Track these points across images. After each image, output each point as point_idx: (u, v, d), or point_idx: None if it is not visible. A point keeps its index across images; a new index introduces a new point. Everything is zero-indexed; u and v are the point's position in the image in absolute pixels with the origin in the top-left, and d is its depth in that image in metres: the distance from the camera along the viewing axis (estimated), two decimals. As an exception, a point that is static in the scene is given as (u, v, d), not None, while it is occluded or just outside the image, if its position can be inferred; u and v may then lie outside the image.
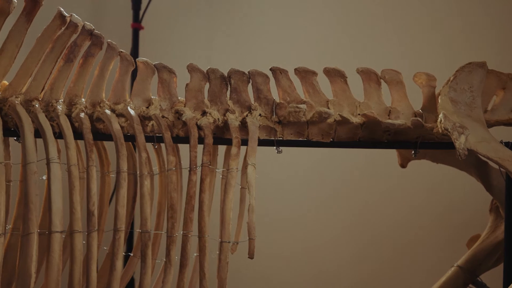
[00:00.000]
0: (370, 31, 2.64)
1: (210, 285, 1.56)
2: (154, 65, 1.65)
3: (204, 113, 1.64)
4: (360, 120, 1.65)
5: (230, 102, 1.65)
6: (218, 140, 1.64)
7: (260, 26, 2.71)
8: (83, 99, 1.62)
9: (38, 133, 1.56)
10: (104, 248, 1.65)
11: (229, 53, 2.70)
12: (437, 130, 1.63)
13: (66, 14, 1.59)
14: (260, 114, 1.65)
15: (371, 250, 2.62)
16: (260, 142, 1.63)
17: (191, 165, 1.57)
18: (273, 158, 1.92)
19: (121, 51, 1.64)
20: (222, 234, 1.55)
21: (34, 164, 1.52)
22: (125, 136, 1.60)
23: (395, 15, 2.64)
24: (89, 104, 1.62)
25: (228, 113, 1.64)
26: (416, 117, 1.66)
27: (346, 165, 2.64)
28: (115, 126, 1.57)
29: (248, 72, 1.66)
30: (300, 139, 1.67)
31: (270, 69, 1.67)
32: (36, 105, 1.57)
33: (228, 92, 1.66)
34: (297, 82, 1.68)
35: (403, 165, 1.92)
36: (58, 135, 1.58)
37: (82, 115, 1.58)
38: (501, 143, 1.60)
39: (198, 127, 1.62)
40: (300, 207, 2.67)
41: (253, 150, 1.59)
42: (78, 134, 1.58)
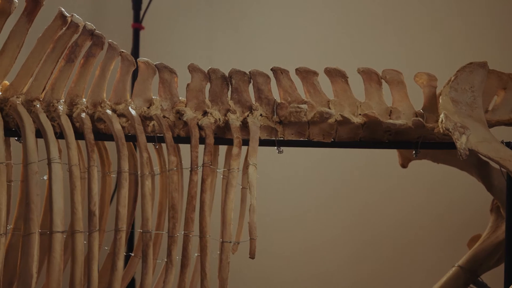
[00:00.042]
0: (371, 31, 2.64)
1: (211, 285, 1.56)
2: (155, 65, 1.65)
3: (205, 113, 1.64)
4: (361, 120, 1.65)
5: (231, 102, 1.65)
6: (219, 140, 1.64)
7: (261, 26, 2.70)
8: (84, 99, 1.62)
9: (39, 133, 1.56)
10: (105, 248, 1.65)
11: (230, 53, 2.70)
12: (438, 130, 1.63)
13: (67, 14, 1.59)
14: (261, 114, 1.65)
15: (372, 250, 2.62)
16: (261, 142, 1.63)
17: (192, 165, 1.57)
18: (274, 158, 1.92)
19: (122, 51, 1.64)
20: (223, 234, 1.55)
21: (35, 164, 1.52)
22: (126, 136, 1.60)
23: (396, 15, 2.64)
24: (90, 104, 1.61)
25: (229, 113, 1.64)
26: (417, 117, 1.66)
27: (347, 165, 2.64)
28: (116, 126, 1.57)
29: (249, 72, 1.66)
30: (301, 139, 1.67)
31: (271, 69, 1.67)
32: (37, 105, 1.57)
33: (229, 92, 1.66)
34: (298, 82, 1.68)
35: (404, 165, 1.92)
36: (59, 135, 1.58)
37: (83, 115, 1.58)
38: (502, 143, 1.60)
39: (199, 127, 1.61)
40: (301, 207, 2.67)
41: (254, 150, 1.59)
42: (79, 134, 1.58)
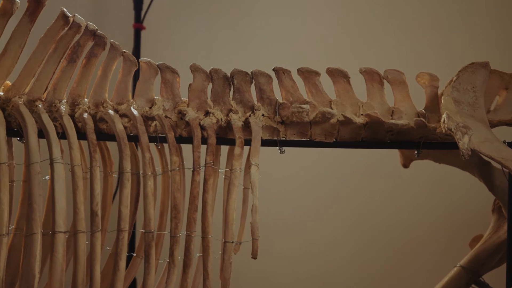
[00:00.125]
0: (373, 31, 2.64)
1: (213, 286, 1.56)
2: (157, 66, 1.65)
3: (207, 113, 1.63)
4: (363, 120, 1.65)
5: (233, 102, 1.65)
6: (221, 140, 1.64)
7: (262, 26, 2.70)
8: (86, 100, 1.62)
9: (42, 134, 1.56)
10: (107, 248, 1.65)
11: (231, 53, 2.70)
12: (440, 130, 1.63)
13: (69, 15, 1.59)
14: (263, 114, 1.65)
15: (373, 250, 2.62)
16: (263, 142, 1.63)
17: (195, 165, 1.57)
18: (274, 158, 1.92)
19: (124, 52, 1.64)
20: (226, 234, 1.55)
21: (38, 165, 1.52)
22: (128, 137, 1.59)
23: (398, 15, 2.64)
24: (92, 105, 1.61)
25: (231, 113, 1.64)
26: (419, 117, 1.66)
27: (348, 165, 2.64)
28: (118, 127, 1.57)
29: (251, 72, 1.66)
30: (303, 139, 1.67)
31: (273, 69, 1.67)
32: (39, 106, 1.57)
33: (231, 92, 1.66)
34: (300, 82, 1.68)
35: (406, 165, 1.92)
36: (61, 135, 1.58)
37: (85, 116, 1.58)
38: (504, 143, 1.60)
39: (201, 127, 1.61)
40: (302, 207, 2.67)
41: (256, 150, 1.59)
42: (81, 134, 1.58)
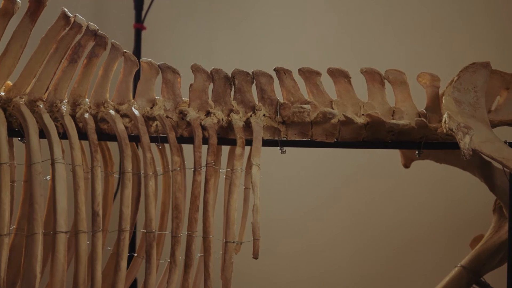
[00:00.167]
0: (374, 32, 2.64)
1: (214, 286, 1.56)
2: (158, 66, 1.64)
3: (208, 114, 1.64)
4: (364, 121, 1.65)
5: (234, 103, 1.65)
6: (222, 141, 1.64)
7: (263, 26, 2.70)
8: (87, 100, 1.62)
9: (43, 134, 1.56)
10: (108, 249, 1.65)
11: (232, 53, 2.70)
12: (441, 130, 1.63)
13: (70, 15, 1.59)
14: (264, 115, 1.65)
15: (373, 250, 2.62)
16: (264, 143, 1.63)
17: (196, 166, 1.57)
18: (274, 158, 1.92)
19: (125, 52, 1.64)
20: (227, 234, 1.55)
21: (39, 165, 1.52)
22: (129, 137, 1.59)
23: (399, 16, 2.64)
24: (93, 105, 1.61)
25: (232, 114, 1.64)
26: (420, 117, 1.66)
27: (348, 165, 2.64)
28: (120, 127, 1.57)
29: (252, 73, 1.66)
30: (304, 139, 1.67)
31: (274, 70, 1.67)
32: (41, 106, 1.57)
33: (232, 93, 1.66)
34: (301, 83, 1.68)
35: (407, 165, 1.92)
36: (63, 136, 1.58)
37: (87, 116, 1.58)
38: (505, 143, 1.60)
39: (202, 128, 1.61)
40: (302, 207, 2.67)
41: (257, 151, 1.59)
42: (82, 135, 1.58)
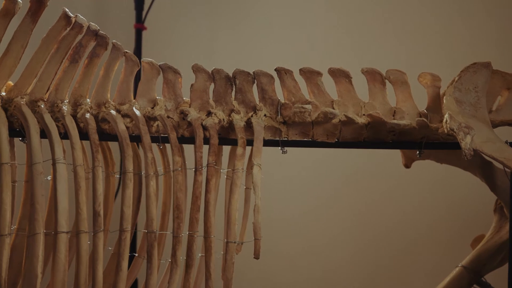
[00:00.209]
0: (375, 32, 2.64)
1: (215, 286, 1.56)
2: (159, 66, 1.65)
3: (209, 114, 1.64)
4: (365, 121, 1.65)
5: (235, 103, 1.65)
6: (223, 141, 1.64)
7: (264, 26, 2.70)
8: (88, 100, 1.62)
9: (44, 134, 1.56)
10: (109, 249, 1.65)
11: (233, 54, 2.70)
12: (442, 131, 1.64)
13: (71, 15, 1.59)
14: (265, 115, 1.65)
15: (374, 250, 2.62)
16: (265, 143, 1.63)
17: (197, 166, 1.57)
18: (275, 158, 1.92)
19: (126, 52, 1.64)
20: (228, 234, 1.55)
21: (40, 165, 1.52)
22: (131, 137, 1.60)
23: (399, 16, 2.64)
24: (94, 105, 1.61)
25: (233, 114, 1.64)
26: (421, 118, 1.66)
27: (349, 165, 2.64)
28: (121, 127, 1.57)
29: (253, 73, 1.66)
30: (305, 140, 1.67)
31: (275, 70, 1.67)
32: (42, 106, 1.57)
33: (233, 93, 1.66)
34: (302, 83, 1.68)
35: (407, 165, 1.92)
36: (64, 136, 1.58)
37: (88, 116, 1.58)
38: (506, 144, 1.61)
39: (204, 128, 1.61)
40: (303, 207, 2.67)
41: (259, 151, 1.59)
42: (83, 135, 1.58)
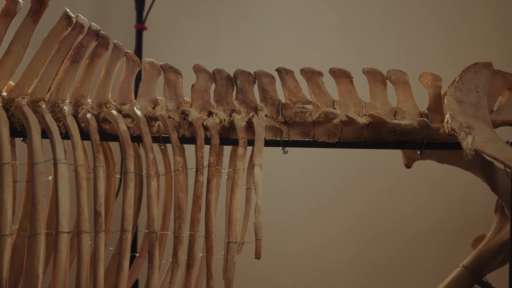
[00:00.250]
0: (376, 32, 2.64)
1: (216, 286, 1.56)
2: (160, 66, 1.65)
3: (210, 114, 1.64)
4: (366, 121, 1.65)
5: (236, 103, 1.65)
6: (224, 141, 1.64)
7: (265, 26, 2.70)
8: (89, 100, 1.62)
9: (45, 134, 1.56)
10: (110, 249, 1.65)
11: (234, 54, 2.70)
12: (444, 131, 1.63)
13: (72, 15, 1.59)
14: (266, 115, 1.65)
15: (375, 250, 2.62)
16: (266, 143, 1.63)
17: (198, 166, 1.57)
18: (276, 158, 1.92)
19: (127, 52, 1.64)
20: (229, 235, 1.55)
21: (41, 165, 1.52)
22: (132, 137, 1.60)
23: (400, 16, 2.64)
24: (95, 105, 1.61)
25: (234, 114, 1.64)
26: (422, 118, 1.66)
27: (349, 165, 2.64)
28: (122, 127, 1.57)
29: (254, 73, 1.66)
30: (306, 140, 1.67)
31: (276, 70, 1.67)
32: (43, 106, 1.57)
33: (234, 93, 1.66)
34: (303, 83, 1.68)
35: (408, 166, 1.92)
36: (65, 136, 1.58)
37: (89, 116, 1.58)
38: (508, 144, 1.61)
39: (205, 128, 1.61)
40: (304, 207, 2.67)
41: (260, 151, 1.59)
42: (85, 135, 1.58)
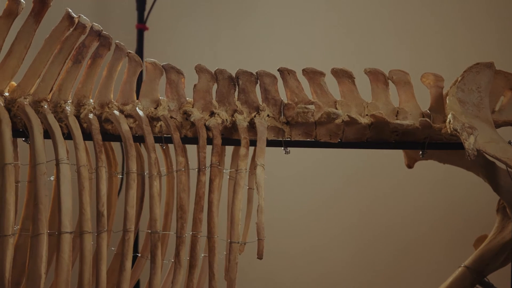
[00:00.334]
0: (378, 32, 2.64)
1: (219, 286, 1.56)
2: (162, 66, 1.65)
3: (212, 114, 1.64)
4: (368, 121, 1.65)
5: (238, 103, 1.65)
6: (226, 141, 1.64)
7: (267, 26, 2.70)
8: (92, 100, 1.62)
9: (47, 134, 1.56)
10: (112, 249, 1.65)
11: (235, 54, 2.70)
12: (446, 131, 1.64)
13: (74, 15, 1.59)
14: (268, 115, 1.65)
15: (376, 250, 2.62)
16: (268, 143, 1.63)
17: (200, 166, 1.57)
18: (277, 158, 1.92)
19: (130, 52, 1.64)
20: (231, 235, 1.55)
21: (44, 165, 1.52)
22: (134, 137, 1.60)
23: (402, 16, 2.64)
24: (98, 105, 1.62)
25: (236, 114, 1.64)
26: (424, 118, 1.66)
27: (350, 165, 2.64)
28: (124, 127, 1.57)
29: (256, 73, 1.66)
30: (308, 140, 1.67)
31: (278, 70, 1.67)
32: (45, 106, 1.57)
33: (236, 93, 1.66)
34: (305, 83, 1.68)
35: (410, 166, 1.92)
36: (67, 136, 1.58)
37: (91, 116, 1.58)
38: (510, 144, 1.61)
39: (207, 128, 1.62)
40: (305, 207, 2.67)
41: (262, 151, 1.59)
42: (87, 135, 1.58)
